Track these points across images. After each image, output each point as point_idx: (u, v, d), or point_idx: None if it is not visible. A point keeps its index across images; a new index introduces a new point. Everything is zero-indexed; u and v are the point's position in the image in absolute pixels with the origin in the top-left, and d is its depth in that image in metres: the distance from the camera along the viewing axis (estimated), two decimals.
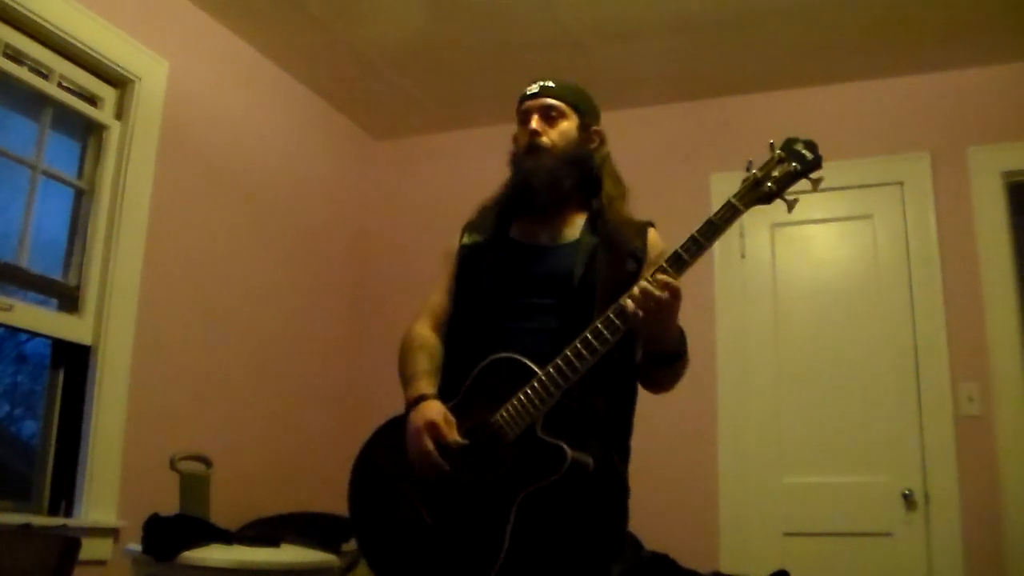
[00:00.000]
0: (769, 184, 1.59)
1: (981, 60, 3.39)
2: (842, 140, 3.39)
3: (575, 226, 1.85)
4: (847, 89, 3.58)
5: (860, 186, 3.46)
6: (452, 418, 1.69)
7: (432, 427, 1.66)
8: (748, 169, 1.61)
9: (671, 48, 3.41)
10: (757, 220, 3.54)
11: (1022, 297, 3.24)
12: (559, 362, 1.60)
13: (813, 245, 3.54)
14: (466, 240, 1.92)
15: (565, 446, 1.57)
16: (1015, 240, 3.30)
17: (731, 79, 3.63)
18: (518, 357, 1.65)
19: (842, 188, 3.42)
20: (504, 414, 1.63)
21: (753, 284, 3.56)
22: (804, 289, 3.51)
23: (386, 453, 1.77)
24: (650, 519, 1.83)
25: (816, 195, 1.63)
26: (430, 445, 1.65)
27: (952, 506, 3.10)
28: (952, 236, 3.32)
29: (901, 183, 3.44)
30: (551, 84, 1.91)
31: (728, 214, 1.59)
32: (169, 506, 2.47)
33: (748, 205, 1.60)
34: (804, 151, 1.59)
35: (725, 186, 3.57)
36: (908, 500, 3.16)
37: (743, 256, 3.58)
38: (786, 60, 3.47)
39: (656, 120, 3.81)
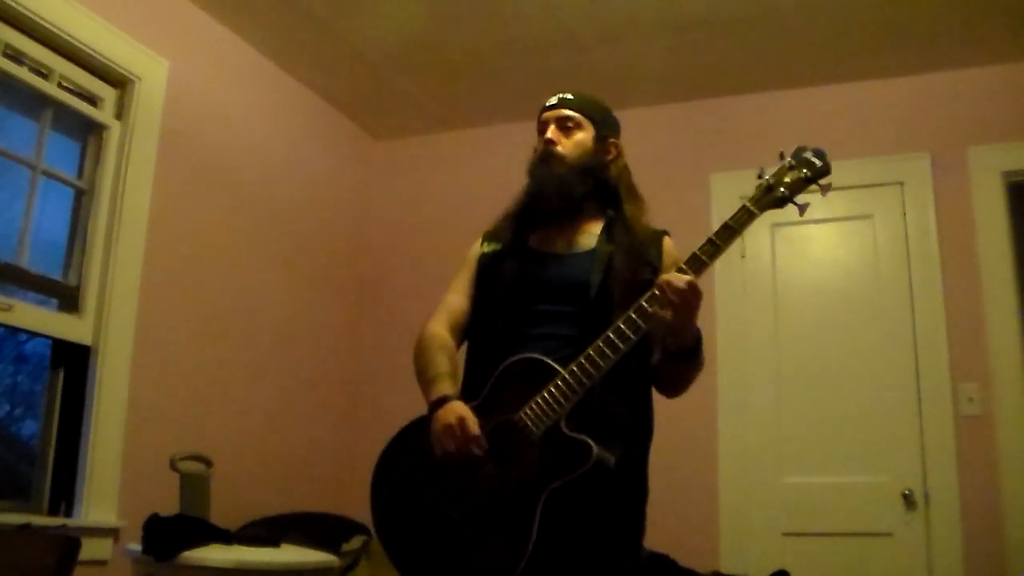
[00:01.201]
0: (781, 190, 1.68)
1: (981, 60, 3.39)
2: (842, 140, 3.38)
3: (591, 235, 1.88)
4: (847, 89, 3.58)
5: (860, 186, 3.46)
6: (475, 418, 1.70)
7: (461, 423, 1.67)
8: (760, 176, 1.71)
9: (671, 48, 3.41)
10: (757, 220, 3.53)
11: (1022, 297, 3.24)
12: (583, 361, 1.64)
13: (813, 245, 3.54)
14: (486, 248, 1.96)
15: (590, 441, 1.60)
16: (1015, 240, 3.30)
17: (731, 79, 3.63)
18: (540, 357, 1.69)
19: (842, 188, 3.38)
20: (528, 412, 1.66)
21: (753, 284, 3.56)
22: (804, 289, 3.51)
23: (409, 456, 1.79)
24: (650, 519, 1.83)
25: (816, 195, 1.70)
26: (458, 443, 1.67)
27: (952, 506, 3.10)
28: (952, 236, 3.32)
29: (901, 183, 3.44)
30: (569, 96, 1.96)
31: (744, 218, 1.70)
32: (169, 506, 2.47)
33: (762, 209, 1.70)
34: (813, 159, 1.70)
35: (725, 186, 3.59)
36: (908, 500, 3.16)
37: (743, 256, 3.58)
38: (786, 60, 3.47)
39: (656, 120, 3.80)
